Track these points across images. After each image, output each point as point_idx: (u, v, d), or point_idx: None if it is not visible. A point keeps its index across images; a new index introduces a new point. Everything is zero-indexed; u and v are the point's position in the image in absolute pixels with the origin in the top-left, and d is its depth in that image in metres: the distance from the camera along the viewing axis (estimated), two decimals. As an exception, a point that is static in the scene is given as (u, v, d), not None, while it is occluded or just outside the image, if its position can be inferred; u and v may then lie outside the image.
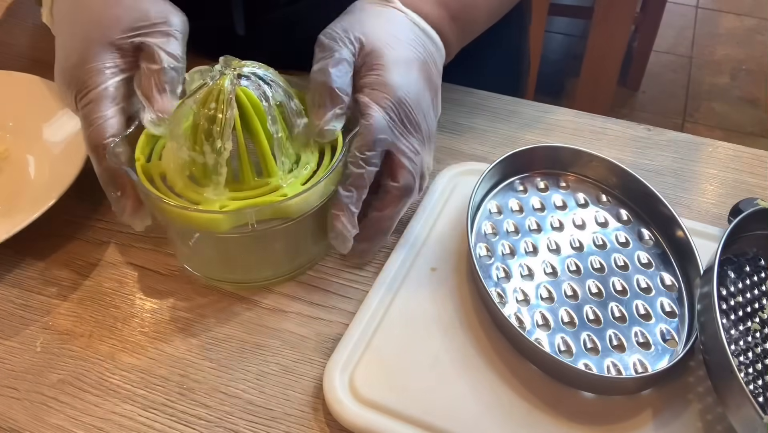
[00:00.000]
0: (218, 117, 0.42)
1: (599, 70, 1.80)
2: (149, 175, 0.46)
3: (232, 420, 0.42)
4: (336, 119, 0.46)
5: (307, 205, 0.45)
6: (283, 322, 0.47)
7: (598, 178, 0.53)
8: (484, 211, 0.51)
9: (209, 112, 0.43)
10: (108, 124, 0.46)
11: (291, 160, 0.46)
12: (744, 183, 0.57)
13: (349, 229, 0.46)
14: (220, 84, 0.43)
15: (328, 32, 0.48)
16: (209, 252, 0.48)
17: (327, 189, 0.45)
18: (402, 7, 0.52)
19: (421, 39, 0.51)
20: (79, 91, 0.47)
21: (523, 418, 0.41)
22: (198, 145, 0.43)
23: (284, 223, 0.44)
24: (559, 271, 0.47)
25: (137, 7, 0.48)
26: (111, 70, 0.47)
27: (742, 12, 2.55)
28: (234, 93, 0.43)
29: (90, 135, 0.46)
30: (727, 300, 0.44)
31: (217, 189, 0.44)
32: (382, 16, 0.50)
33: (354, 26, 0.49)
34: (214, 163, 0.43)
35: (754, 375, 0.41)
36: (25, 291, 0.50)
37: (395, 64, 0.48)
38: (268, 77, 0.45)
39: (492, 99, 0.65)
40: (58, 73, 0.48)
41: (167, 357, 0.45)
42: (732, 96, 2.18)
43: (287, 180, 0.45)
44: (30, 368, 0.45)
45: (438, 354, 0.44)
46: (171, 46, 0.47)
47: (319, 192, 0.45)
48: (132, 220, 0.47)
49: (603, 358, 0.43)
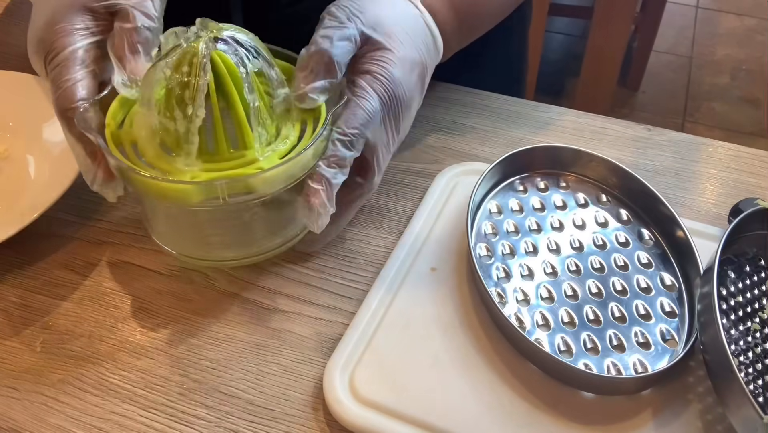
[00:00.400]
0: (191, 82, 0.40)
1: (599, 70, 1.80)
2: (120, 143, 0.44)
3: (232, 420, 0.42)
4: (322, 90, 0.44)
5: (284, 180, 0.42)
6: (283, 322, 0.47)
7: (598, 178, 0.53)
8: (484, 211, 0.51)
9: (182, 76, 0.40)
10: (77, 87, 0.44)
11: (270, 132, 0.44)
12: (744, 183, 0.57)
13: (327, 207, 0.43)
14: (195, 47, 0.40)
15: (342, 6, 0.46)
16: (182, 228, 0.46)
17: (306, 163, 0.43)
18: (418, 3, 0.51)
19: (428, 41, 0.50)
20: (47, 54, 0.45)
21: (523, 418, 0.41)
22: (169, 111, 0.41)
23: (260, 197, 0.42)
24: (559, 271, 0.47)
25: None
26: (81, 32, 0.45)
27: (742, 12, 2.55)
28: (209, 57, 0.40)
29: (58, 98, 0.44)
30: (727, 300, 0.44)
31: (188, 159, 0.42)
32: (398, 8, 0.49)
33: (368, 10, 0.47)
34: (185, 130, 0.41)
35: (754, 375, 0.41)
36: (25, 291, 0.50)
37: (402, 61, 0.47)
38: (248, 43, 0.43)
39: (492, 99, 0.65)
40: (30, 36, 0.47)
41: (167, 357, 0.45)
42: (732, 96, 2.18)
43: (264, 153, 0.43)
44: (30, 368, 0.45)
45: (438, 354, 0.44)
46: (146, 6, 0.45)
47: (298, 166, 0.42)
48: (103, 189, 0.45)
49: (603, 358, 0.43)
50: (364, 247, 0.52)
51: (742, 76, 2.25)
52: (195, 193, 0.41)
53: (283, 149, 0.44)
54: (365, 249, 0.52)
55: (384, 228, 0.53)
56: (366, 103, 0.44)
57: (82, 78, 0.44)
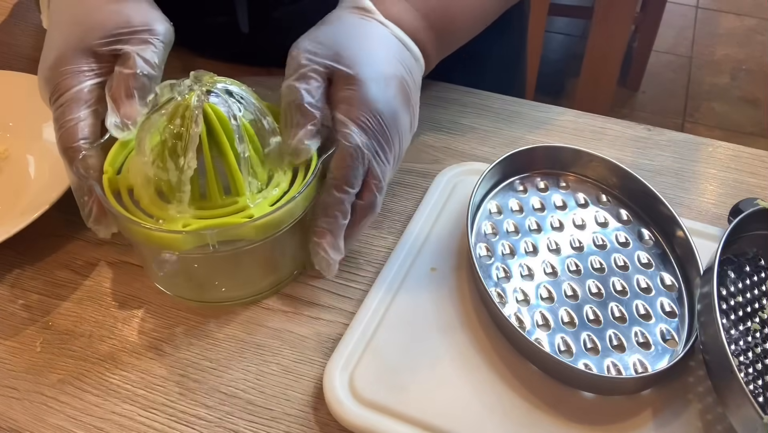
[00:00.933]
0: (183, 133, 0.41)
1: (599, 70, 1.80)
2: (116, 188, 0.45)
3: (232, 420, 0.42)
4: (310, 136, 0.45)
5: (274, 227, 0.43)
6: (283, 322, 0.47)
7: (598, 178, 0.53)
8: (484, 211, 0.51)
9: (174, 128, 0.42)
10: (79, 127, 0.45)
11: (261, 179, 0.45)
12: (744, 183, 0.57)
13: (332, 255, 0.45)
14: (188, 100, 0.42)
15: (300, 44, 0.47)
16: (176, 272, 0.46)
17: (296, 210, 0.44)
18: (383, 18, 0.50)
19: (400, 54, 0.49)
20: (53, 94, 0.46)
21: (523, 418, 0.41)
22: (162, 161, 0.42)
23: (250, 244, 0.43)
24: (559, 271, 0.47)
25: (121, 13, 0.48)
26: (86, 74, 0.46)
27: (742, 12, 2.56)
28: (201, 110, 0.41)
29: (61, 138, 0.45)
30: (727, 300, 0.44)
31: (180, 207, 0.43)
32: (361, 28, 0.49)
33: (329, 38, 0.47)
34: (177, 180, 0.42)
35: (754, 375, 0.41)
36: (25, 291, 0.50)
37: (372, 80, 0.46)
38: (239, 94, 0.44)
39: (492, 99, 0.65)
40: (39, 75, 0.48)
41: (167, 357, 0.45)
42: (732, 96, 2.18)
43: (255, 200, 0.44)
44: (30, 368, 0.45)
45: (438, 354, 0.44)
46: (148, 53, 0.46)
47: (287, 213, 0.43)
48: (96, 227, 0.46)
49: (603, 358, 0.43)
50: (364, 247, 0.52)
51: (742, 76, 2.25)
52: (185, 241, 0.42)
53: (273, 196, 0.45)
54: (365, 249, 0.52)
55: (384, 228, 0.53)
56: (347, 138, 0.44)
57: (85, 118, 0.46)
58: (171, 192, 0.43)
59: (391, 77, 0.47)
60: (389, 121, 0.46)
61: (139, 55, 0.46)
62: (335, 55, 0.46)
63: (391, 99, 0.47)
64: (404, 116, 0.48)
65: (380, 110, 0.45)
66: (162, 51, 0.48)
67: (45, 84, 0.47)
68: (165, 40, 0.48)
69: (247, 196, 0.44)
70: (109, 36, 0.47)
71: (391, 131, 0.46)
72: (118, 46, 0.47)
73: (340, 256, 0.45)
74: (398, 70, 0.48)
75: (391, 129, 0.46)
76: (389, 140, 0.46)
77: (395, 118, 0.47)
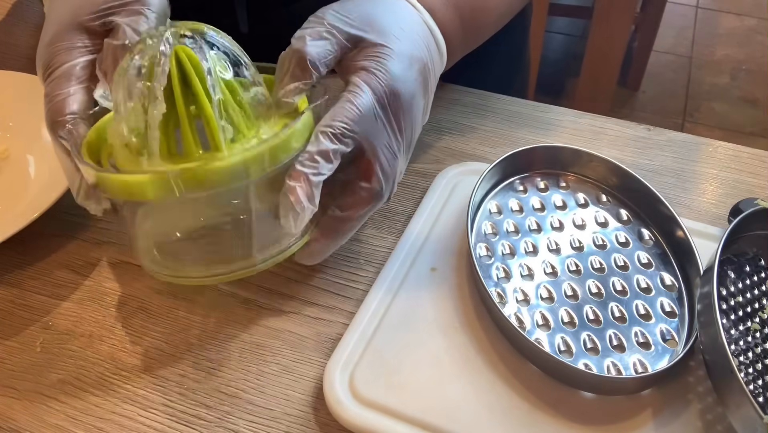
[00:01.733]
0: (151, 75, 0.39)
1: (599, 70, 1.80)
2: (97, 155, 0.43)
3: (232, 420, 0.42)
4: (297, 93, 0.43)
5: (242, 174, 0.39)
6: (283, 322, 0.47)
7: (598, 178, 0.53)
8: (484, 211, 0.51)
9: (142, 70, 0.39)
10: (68, 101, 0.44)
11: (242, 130, 0.42)
12: (744, 183, 0.57)
13: (304, 204, 0.40)
14: (158, 42, 0.39)
15: (330, 8, 0.45)
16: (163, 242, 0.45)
17: (271, 157, 0.40)
18: (414, 1, 0.49)
19: (427, 39, 0.48)
20: (45, 70, 0.45)
21: (523, 418, 0.41)
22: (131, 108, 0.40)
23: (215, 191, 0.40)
24: (559, 271, 0.47)
25: None
26: (79, 50, 0.45)
27: (742, 12, 2.56)
28: (170, 51, 0.39)
29: (48, 111, 0.44)
30: (727, 300, 0.44)
31: (152, 158, 0.40)
32: (392, 7, 0.48)
33: (357, 11, 0.46)
34: (144, 126, 0.39)
35: (754, 375, 0.41)
36: (25, 291, 0.50)
37: (399, 55, 0.45)
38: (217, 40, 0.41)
39: (492, 99, 0.65)
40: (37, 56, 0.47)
41: (167, 357, 0.45)
42: (732, 96, 2.18)
43: (233, 150, 0.40)
44: (30, 368, 0.45)
45: (438, 354, 0.44)
46: (139, 25, 0.45)
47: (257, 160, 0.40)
48: (86, 202, 0.44)
49: (603, 358, 0.43)
50: (364, 247, 0.52)
51: (742, 76, 2.25)
52: (149, 185, 0.39)
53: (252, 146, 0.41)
54: (365, 249, 0.52)
55: (384, 228, 0.53)
56: (356, 97, 0.42)
57: (75, 93, 0.45)
58: (143, 143, 0.40)
59: (417, 59, 0.46)
60: (405, 102, 0.45)
61: (129, 26, 0.45)
62: (364, 24, 0.45)
63: (412, 80, 0.45)
64: (420, 101, 0.47)
65: (399, 89, 0.44)
66: (154, 21, 0.46)
67: (39, 60, 0.46)
68: (158, 9, 0.47)
69: (223, 143, 0.40)
70: (99, 10, 0.46)
71: (405, 114, 0.45)
72: (108, 19, 0.46)
73: (312, 209, 0.41)
74: (423, 53, 0.47)
75: (405, 112, 0.45)
76: (400, 123, 0.45)
77: (411, 101, 0.45)
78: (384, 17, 0.46)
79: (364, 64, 0.44)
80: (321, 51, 0.43)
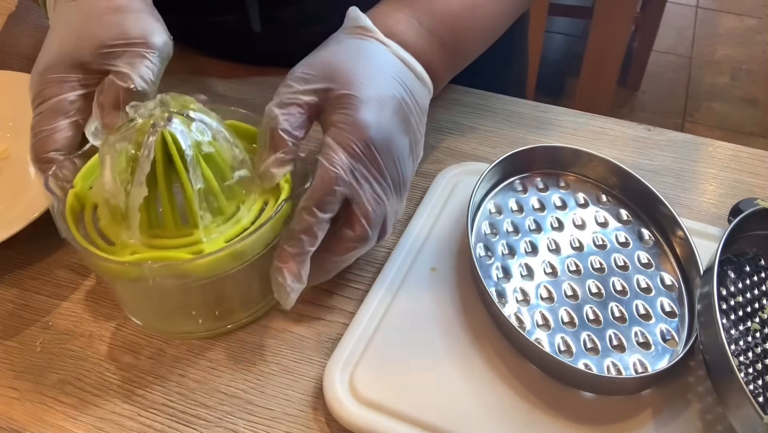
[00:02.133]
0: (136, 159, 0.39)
1: (599, 70, 1.80)
2: (82, 203, 0.43)
3: (232, 420, 0.42)
4: (279, 165, 0.43)
5: (222, 267, 0.41)
6: (283, 322, 0.47)
7: (598, 178, 0.53)
8: (484, 211, 0.51)
9: (129, 153, 0.40)
10: (54, 138, 0.44)
11: (224, 213, 0.42)
12: (744, 183, 0.57)
13: (290, 283, 0.41)
14: (145, 125, 0.40)
15: (294, 69, 0.45)
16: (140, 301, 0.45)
17: (250, 250, 0.41)
18: (383, 38, 0.48)
19: (400, 73, 0.47)
20: (34, 99, 0.46)
21: (523, 418, 0.41)
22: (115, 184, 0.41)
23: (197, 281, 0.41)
24: (559, 271, 0.47)
25: (119, 25, 0.47)
26: (71, 83, 0.46)
27: (742, 12, 2.56)
28: (156, 136, 0.39)
29: (33, 146, 0.44)
30: (727, 300, 0.44)
31: (131, 232, 0.41)
32: (358, 49, 0.47)
33: (323, 62, 0.45)
34: (125, 207, 0.40)
35: (754, 375, 0.41)
36: (25, 291, 0.50)
37: (367, 101, 0.44)
38: (205, 121, 0.42)
39: (492, 99, 0.65)
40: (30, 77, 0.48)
41: (167, 357, 0.45)
42: (732, 96, 2.18)
43: (211, 235, 0.42)
44: (30, 368, 0.45)
45: (438, 354, 0.44)
46: (142, 69, 0.46)
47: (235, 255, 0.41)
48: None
49: (603, 358, 0.43)
50: (364, 247, 0.52)
51: (742, 76, 2.25)
52: (126, 272, 0.40)
53: (231, 232, 0.42)
54: (365, 249, 0.52)
55: (384, 228, 0.53)
56: (330, 160, 0.42)
57: (62, 128, 0.45)
58: (123, 217, 0.41)
59: (388, 98, 0.45)
60: (381, 147, 0.44)
61: (133, 69, 0.45)
62: (327, 77, 0.44)
63: (386, 123, 0.44)
64: (401, 140, 0.45)
65: (371, 136, 0.43)
66: (158, 66, 0.47)
67: (31, 88, 0.47)
68: (162, 54, 0.47)
69: (200, 230, 0.41)
70: (103, 47, 0.46)
71: (385, 158, 0.44)
72: (110, 61, 0.46)
73: (301, 286, 0.42)
74: (396, 91, 0.46)
75: (384, 156, 0.44)
76: (381, 168, 0.44)
77: (389, 144, 0.44)
78: (348, 63, 0.45)
79: (333, 119, 0.44)
80: (291, 119, 0.43)
